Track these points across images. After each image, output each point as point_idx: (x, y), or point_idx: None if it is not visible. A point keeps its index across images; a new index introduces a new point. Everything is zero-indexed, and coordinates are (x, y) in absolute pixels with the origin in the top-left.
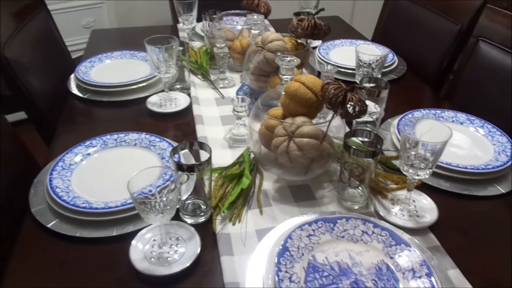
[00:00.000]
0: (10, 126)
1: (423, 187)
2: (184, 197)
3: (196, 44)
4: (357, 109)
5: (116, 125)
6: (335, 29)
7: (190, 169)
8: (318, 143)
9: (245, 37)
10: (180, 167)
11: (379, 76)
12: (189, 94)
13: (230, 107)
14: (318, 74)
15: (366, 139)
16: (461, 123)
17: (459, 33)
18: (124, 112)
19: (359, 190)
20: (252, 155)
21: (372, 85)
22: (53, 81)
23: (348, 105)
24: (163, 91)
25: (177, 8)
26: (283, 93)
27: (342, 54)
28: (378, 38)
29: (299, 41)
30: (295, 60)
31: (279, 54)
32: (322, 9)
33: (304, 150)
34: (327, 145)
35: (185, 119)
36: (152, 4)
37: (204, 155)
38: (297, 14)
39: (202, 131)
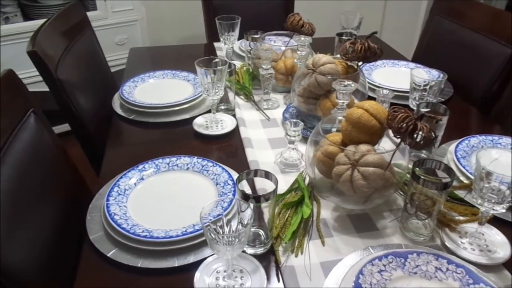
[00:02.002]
0: (60, 143)
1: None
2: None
3: (235, 63)
4: (426, 138)
5: (163, 147)
6: None
7: (256, 199)
8: (384, 172)
9: (290, 58)
10: (245, 196)
11: (435, 100)
12: (233, 115)
13: (277, 130)
14: (368, 98)
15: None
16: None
17: (511, 57)
18: (170, 134)
19: (425, 222)
20: (306, 181)
21: (428, 109)
22: (98, 99)
23: (416, 134)
24: (207, 112)
25: (219, 28)
26: (340, 118)
27: (385, 75)
28: (419, 59)
29: (349, 63)
30: (353, 85)
31: (329, 77)
32: (375, 32)
33: (369, 180)
34: (390, 174)
35: (230, 141)
36: (184, 22)
37: (259, 183)
38: (339, 34)
39: (253, 155)
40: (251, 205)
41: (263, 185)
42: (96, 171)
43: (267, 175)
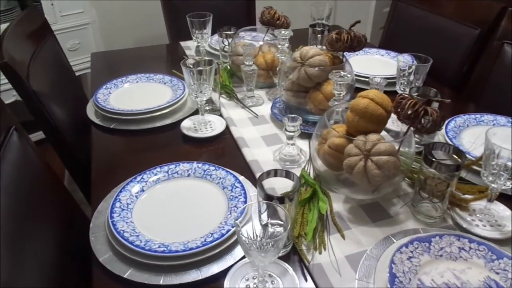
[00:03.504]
0: (43, 158)
1: None
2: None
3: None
4: (436, 122)
5: (153, 155)
6: None
7: (280, 199)
8: (396, 160)
9: (268, 53)
10: (269, 197)
11: (421, 84)
12: (220, 115)
13: (267, 126)
14: (355, 89)
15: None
16: (502, 126)
17: (479, 37)
18: (156, 140)
19: (437, 204)
20: (311, 176)
21: (417, 93)
22: (72, 108)
23: (427, 120)
24: (192, 114)
25: (191, 26)
26: (338, 110)
27: (360, 63)
28: (386, 45)
29: (334, 54)
30: (349, 76)
31: (316, 69)
32: (359, 21)
33: (384, 168)
34: (398, 161)
35: (222, 142)
36: (140, 23)
37: (266, 182)
38: (312, 26)
39: (251, 155)
40: (278, 206)
41: (270, 184)
42: (78, 183)
43: (288, 174)
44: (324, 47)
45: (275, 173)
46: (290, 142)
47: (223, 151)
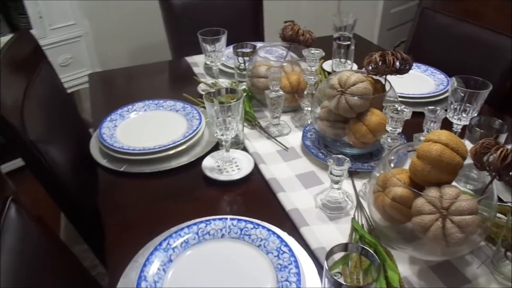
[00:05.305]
0: (47, 227)
1: None
2: None
3: (222, 81)
4: None
5: (173, 205)
6: (361, 49)
7: None
8: (480, 219)
9: (293, 73)
10: (339, 285)
11: (477, 112)
12: (244, 148)
13: (301, 162)
14: None
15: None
16: None
17: None
18: (175, 184)
19: None
20: (365, 227)
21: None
22: (73, 147)
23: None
24: (213, 149)
25: (202, 44)
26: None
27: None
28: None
29: (375, 78)
30: (406, 110)
31: (357, 98)
32: (403, 41)
33: (467, 231)
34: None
35: (250, 185)
36: (137, 33)
37: (309, 234)
38: (337, 38)
39: (289, 202)
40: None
41: (312, 235)
42: (86, 240)
43: (365, 252)
44: (348, 61)
45: (345, 247)
46: (335, 186)
47: (254, 195)
